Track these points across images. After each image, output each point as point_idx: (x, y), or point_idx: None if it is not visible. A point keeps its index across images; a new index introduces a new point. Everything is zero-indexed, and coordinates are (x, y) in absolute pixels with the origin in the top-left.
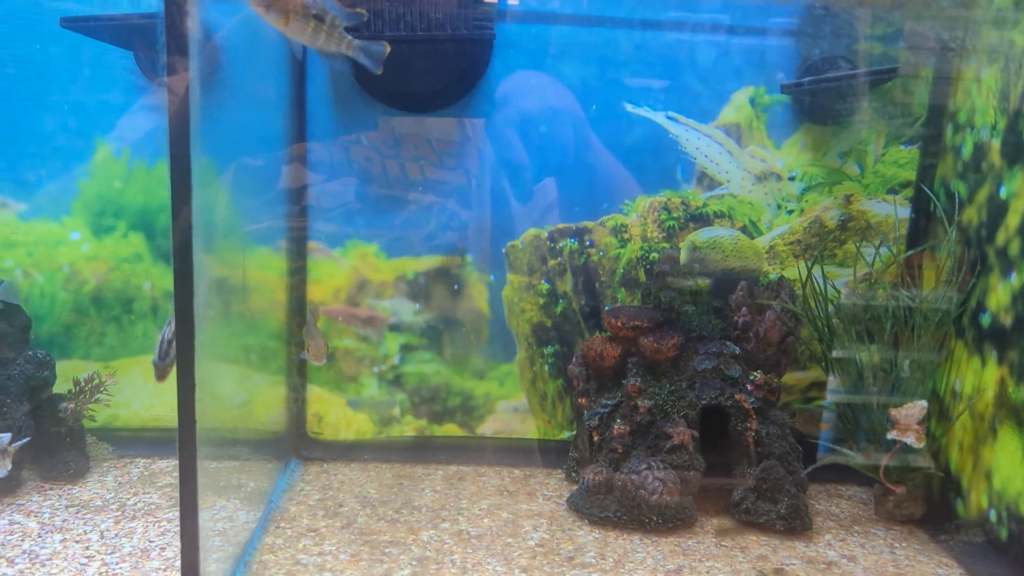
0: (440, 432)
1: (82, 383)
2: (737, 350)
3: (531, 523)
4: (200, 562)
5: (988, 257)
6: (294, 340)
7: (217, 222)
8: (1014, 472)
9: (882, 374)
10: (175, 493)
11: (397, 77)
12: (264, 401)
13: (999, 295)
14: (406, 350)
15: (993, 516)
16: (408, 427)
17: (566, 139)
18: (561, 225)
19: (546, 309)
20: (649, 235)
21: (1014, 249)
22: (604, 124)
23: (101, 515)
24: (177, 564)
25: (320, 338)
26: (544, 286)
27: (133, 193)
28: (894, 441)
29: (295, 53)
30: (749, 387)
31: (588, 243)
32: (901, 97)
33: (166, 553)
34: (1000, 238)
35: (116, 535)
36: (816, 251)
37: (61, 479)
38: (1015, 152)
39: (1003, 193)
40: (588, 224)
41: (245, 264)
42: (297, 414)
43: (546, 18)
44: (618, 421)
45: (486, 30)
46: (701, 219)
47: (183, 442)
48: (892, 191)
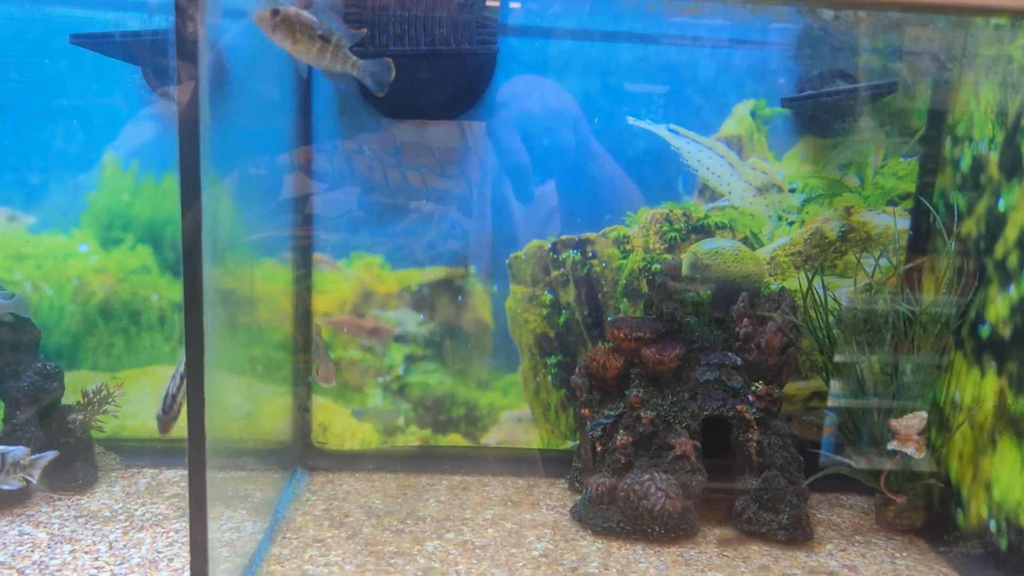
0: (444, 442)
1: (90, 394)
2: (739, 361)
3: (535, 533)
4: (208, 573)
5: (987, 269)
6: (301, 359)
7: (224, 233)
8: (1013, 483)
9: (882, 384)
10: (182, 503)
11: (402, 91)
12: (270, 411)
13: (998, 307)
14: (410, 360)
15: (993, 526)
16: (412, 437)
17: (569, 151)
18: (564, 236)
19: (549, 320)
20: (651, 246)
21: (1012, 261)
22: (606, 136)
23: (110, 525)
24: (185, 574)
25: (329, 360)
26: (547, 297)
27: (141, 206)
28: (894, 451)
29: (300, 72)
30: (751, 398)
31: (591, 254)
32: (900, 110)
33: (174, 564)
34: (999, 250)
35: (125, 545)
36: (817, 262)
37: (70, 490)
38: (1013, 165)
39: (1001, 206)
40: (591, 235)
41: (252, 275)
42: (302, 424)
43: (548, 32)
44: (621, 432)
45: (489, 45)
46: (703, 230)
47: (192, 454)
48: (892, 203)
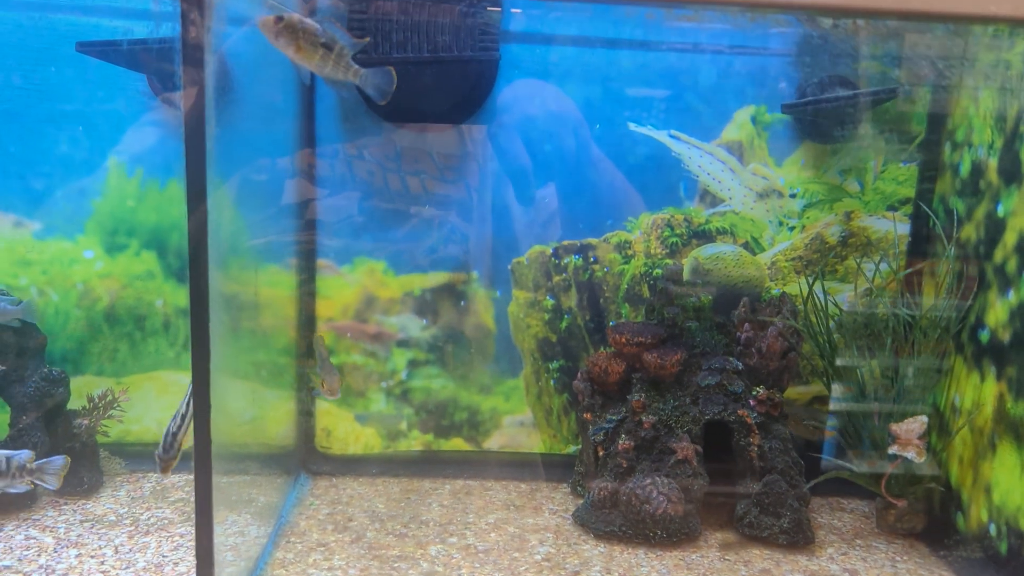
0: (447, 446)
1: (96, 399)
2: (740, 365)
3: (537, 537)
4: None
5: (986, 274)
6: (306, 369)
7: (229, 239)
8: (1013, 487)
9: (882, 389)
10: (187, 508)
11: (405, 98)
12: (274, 416)
13: (997, 311)
14: (413, 365)
15: (993, 530)
16: (415, 441)
17: (570, 157)
18: (566, 242)
19: (551, 325)
20: (652, 251)
21: (1011, 267)
22: (607, 142)
23: (115, 530)
24: None
25: (334, 373)
26: (549, 302)
27: (145, 212)
28: (895, 455)
29: (303, 79)
30: (752, 402)
31: (592, 259)
32: (900, 116)
33: (179, 568)
34: (998, 255)
35: (130, 550)
36: (817, 267)
37: (75, 494)
38: (1012, 171)
39: (1000, 211)
40: (592, 241)
41: (256, 281)
42: (306, 429)
43: (550, 39)
44: (623, 436)
45: (491, 51)
46: (704, 236)
47: (198, 458)
48: (892, 208)
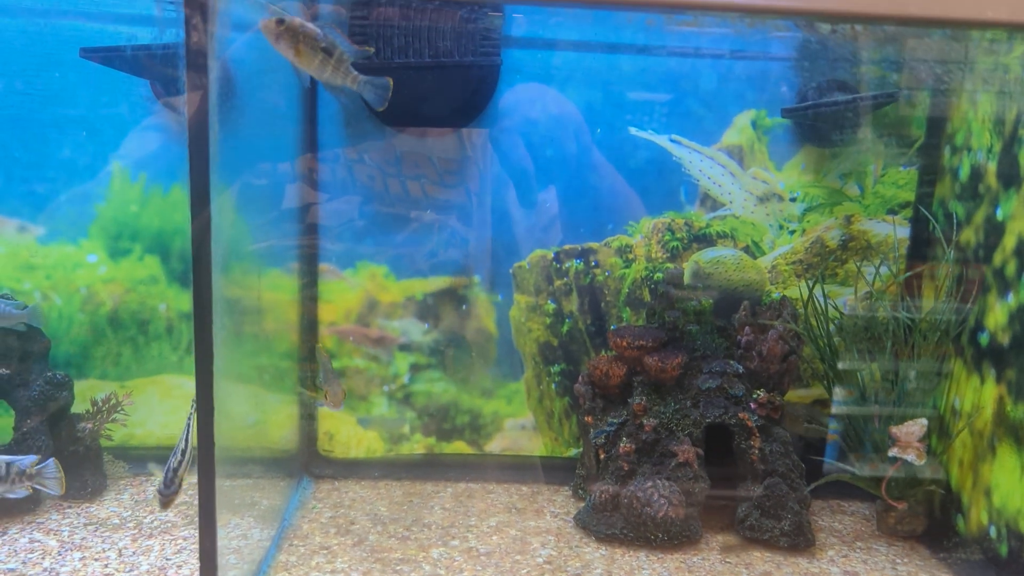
0: (449, 450)
1: (100, 403)
2: (740, 369)
3: (539, 540)
4: None
5: (986, 277)
6: (307, 376)
7: (232, 243)
8: (1013, 489)
9: (883, 392)
10: (190, 511)
11: (406, 102)
12: (276, 420)
13: (996, 315)
14: (415, 369)
15: (993, 533)
16: (417, 445)
17: (571, 161)
18: (567, 246)
19: (552, 329)
20: (653, 255)
21: (1011, 270)
22: (608, 147)
23: (119, 533)
24: None
25: (337, 385)
26: (550, 306)
27: (149, 217)
28: (895, 458)
29: (303, 82)
30: (752, 405)
31: (593, 264)
32: (899, 120)
33: (183, 571)
34: (997, 259)
35: (134, 553)
36: (817, 271)
37: (79, 497)
38: (1011, 175)
39: (999, 215)
40: (593, 245)
41: (259, 285)
42: (308, 432)
43: (551, 44)
44: (624, 439)
45: (493, 57)
46: (704, 240)
47: (202, 462)
48: (892, 211)
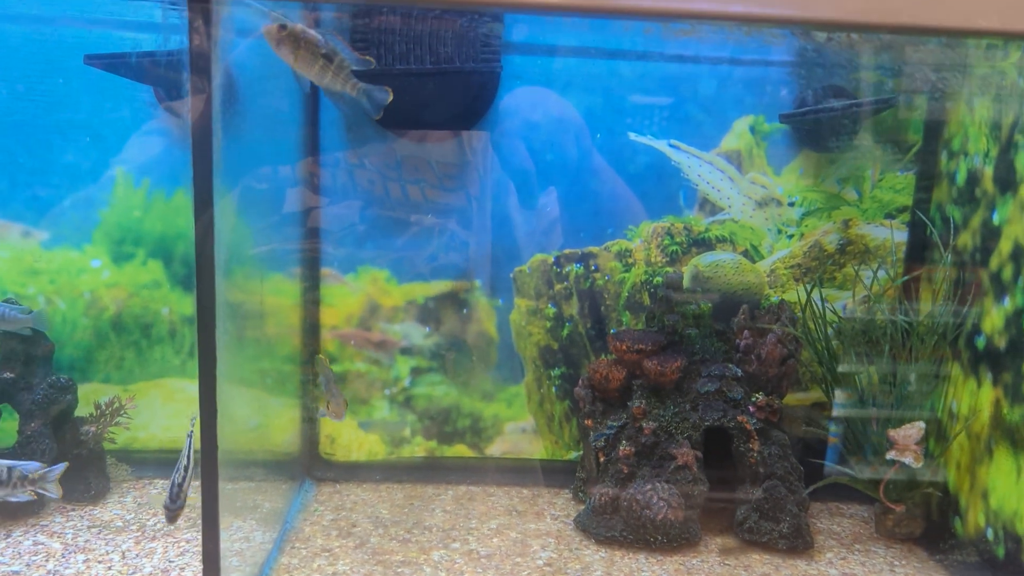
0: (450, 453)
1: (103, 406)
2: (739, 372)
3: (539, 543)
4: None
5: (983, 281)
6: (308, 382)
7: (234, 248)
8: (1010, 491)
9: (881, 395)
10: (193, 514)
11: (407, 108)
12: (278, 423)
13: (993, 318)
14: (416, 373)
15: (990, 535)
16: (418, 448)
17: (571, 166)
18: (567, 250)
19: (553, 332)
20: (653, 260)
21: (1007, 274)
22: (608, 152)
23: (122, 535)
24: None
25: (339, 395)
26: (551, 310)
27: (152, 222)
28: (893, 461)
29: (303, 88)
30: (751, 409)
31: (593, 268)
32: (897, 125)
33: (186, 573)
34: (994, 263)
35: (137, 555)
36: (816, 275)
37: (83, 500)
38: (1007, 179)
39: (996, 219)
40: (593, 249)
41: (261, 289)
42: (310, 435)
43: (551, 50)
44: (624, 442)
45: (493, 63)
46: (703, 244)
47: (205, 465)
48: (889, 216)
